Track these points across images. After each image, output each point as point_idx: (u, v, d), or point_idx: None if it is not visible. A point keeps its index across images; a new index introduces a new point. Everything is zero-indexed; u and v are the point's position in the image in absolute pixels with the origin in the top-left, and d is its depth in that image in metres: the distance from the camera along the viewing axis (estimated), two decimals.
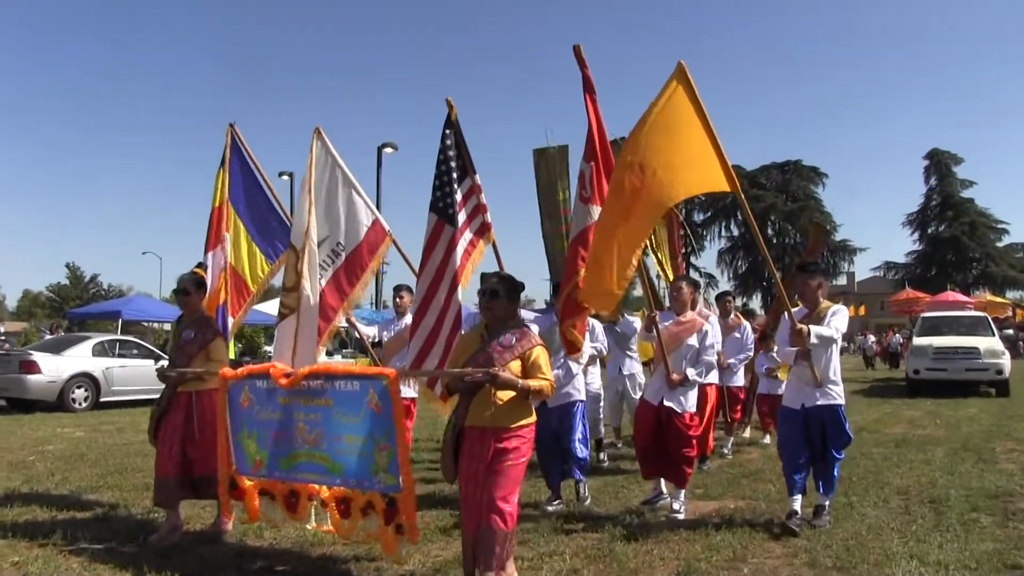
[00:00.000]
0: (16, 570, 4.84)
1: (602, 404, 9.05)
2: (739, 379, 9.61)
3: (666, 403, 6.19)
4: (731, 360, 9.34)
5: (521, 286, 4.59)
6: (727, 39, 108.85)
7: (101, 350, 15.89)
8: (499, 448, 4.23)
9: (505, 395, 4.26)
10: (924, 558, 4.94)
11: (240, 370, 5.17)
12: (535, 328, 6.57)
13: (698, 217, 72.38)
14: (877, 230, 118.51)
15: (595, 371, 8.69)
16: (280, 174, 32.93)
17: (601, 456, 8.77)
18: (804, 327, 5.50)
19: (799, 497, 5.81)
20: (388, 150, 30.04)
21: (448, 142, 5.83)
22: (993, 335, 18.01)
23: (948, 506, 6.39)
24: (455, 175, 5.84)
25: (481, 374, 4.19)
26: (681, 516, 6.12)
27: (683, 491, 6.28)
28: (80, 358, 15.66)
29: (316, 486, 4.70)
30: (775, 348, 8.82)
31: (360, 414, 4.49)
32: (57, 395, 15.00)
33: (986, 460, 8.72)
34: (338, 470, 4.59)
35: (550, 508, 6.39)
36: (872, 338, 36.56)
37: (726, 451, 9.39)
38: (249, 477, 4.99)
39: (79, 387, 15.38)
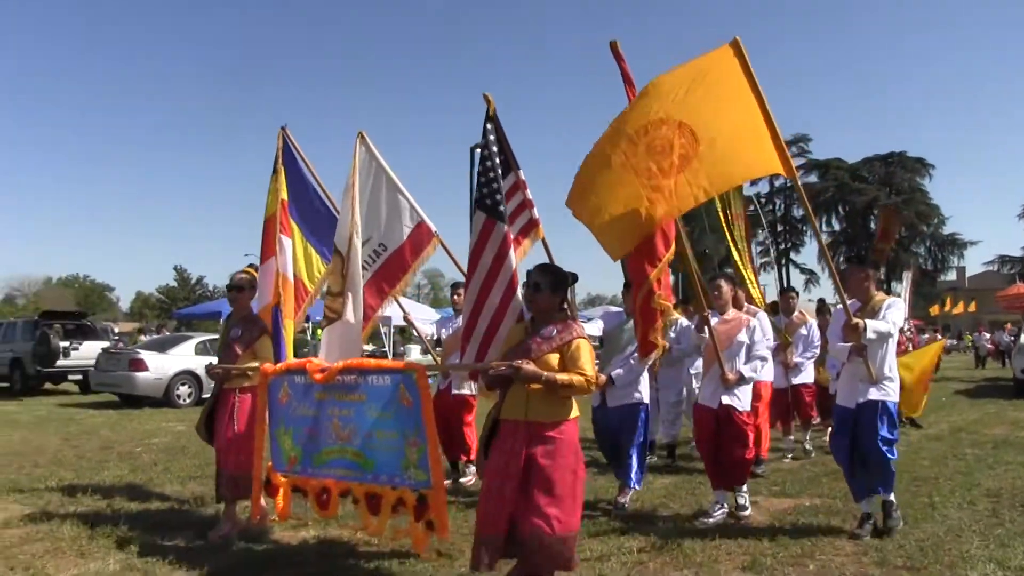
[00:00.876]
0: (113, 554, 5.21)
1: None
2: (807, 377, 9.22)
3: (725, 401, 6.04)
4: (797, 359, 9.10)
5: (566, 279, 4.46)
6: (831, 34, 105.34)
7: (203, 349, 16.67)
8: (532, 445, 4.08)
9: (540, 389, 4.11)
10: (1005, 563, 4.77)
11: (279, 365, 5.28)
12: (598, 324, 6.57)
13: (798, 212, 70.61)
14: (989, 223, 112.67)
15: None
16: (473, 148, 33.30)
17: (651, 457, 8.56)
18: (860, 321, 5.25)
19: (865, 500, 5.60)
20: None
21: (491, 137, 5.71)
22: None
23: None
24: (500, 171, 5.68)
25: (504, 367, 4.10)
26: (747, 512, 6.04)
27: (744, 487, 6.18)
28: (184, 356, 16.49)
29: (347, 482, 4.72)
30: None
31: (391, 409, 4.52)
32: (163, 391, 15.85)
33: None
34: (370, 466, 4.62)
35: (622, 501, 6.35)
36: (987, 335, 34.81)
37: (807, 446, 9.19)
38: (284, 474, 5.05)
39: (183, 384, 16.18)
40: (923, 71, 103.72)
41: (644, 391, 6.46)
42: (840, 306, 5.61)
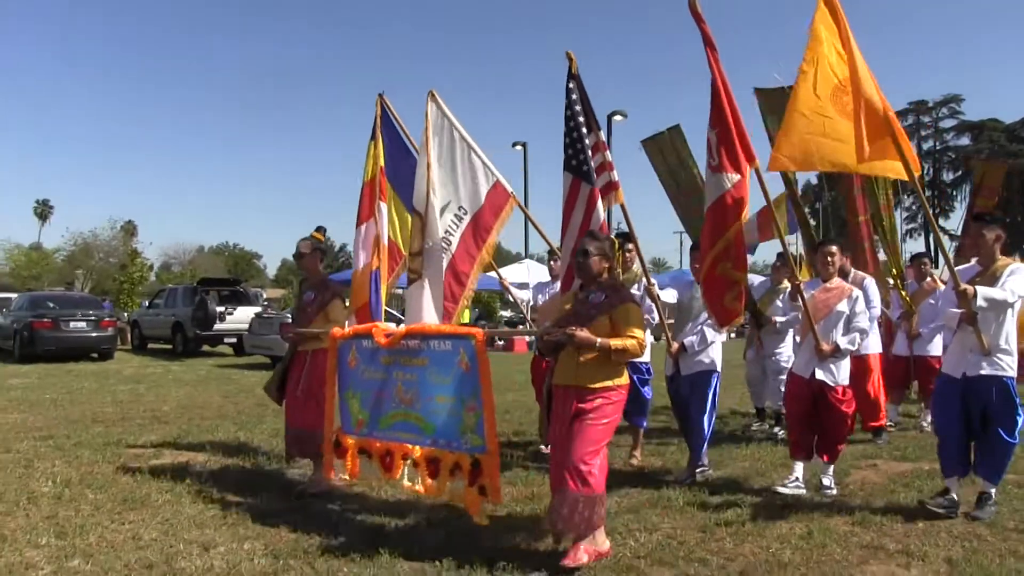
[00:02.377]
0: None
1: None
2: (936, 348, 8.57)
3: (818, 376, 5.78)
4: (923, 329, 8.62)
5: (612, 244, 4.51)
6: None
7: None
8: (580, 408, 4.19)
9: (589, 353, 4.19)
10: None
11: (348, 329, 5.42)
12: (672, 292, 6.44)
13: (947, 176, 66.69)
14: None
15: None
16: (514, 144, 33.91)
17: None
18: (969, 288, 4.85)
19: (954, 479, 5.20)
20: (618, 118, 29.88)
21: (573, 96, 5.59)
22: None
23: None
24: (584, 130, 5.62)
25: (559, 333, 4.21)
26: (833, 491, 5.75)
27: (832, 467, 5.90)
28: None
29: (409, 446, 4.82)
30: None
31: (451, 373, 4.62)
32: None
33: None
34: (430, 429, 4.71)
35: (691, 477, 6.15)
36: None
37: (925, 425, 8.52)
38: (352, 436, 5.18)
39: None
40: None
41: (717, 358, 6.32)
42: (960, 268, 5.38)
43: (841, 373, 5.84)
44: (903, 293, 8.80)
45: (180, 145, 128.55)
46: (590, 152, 5.60)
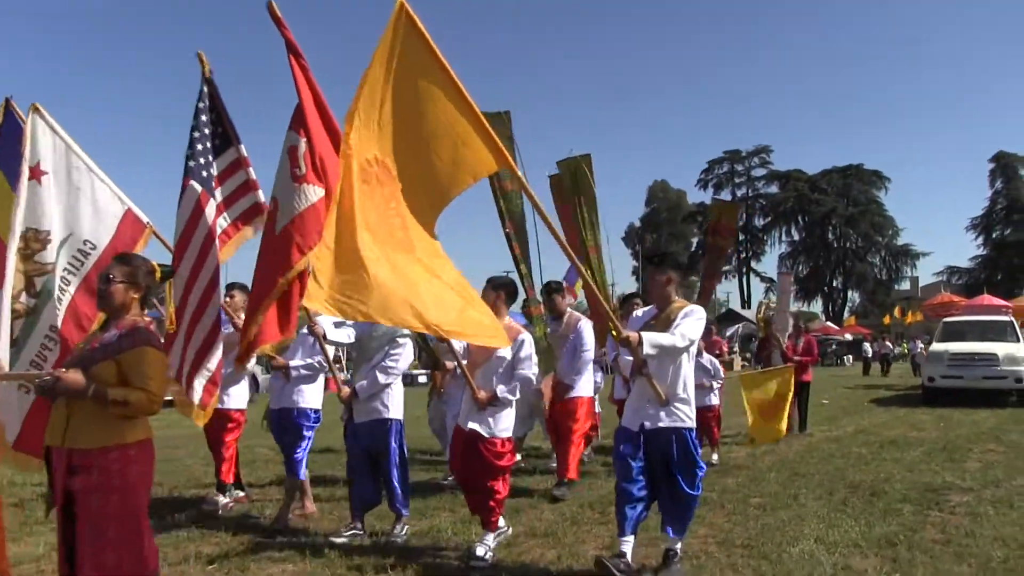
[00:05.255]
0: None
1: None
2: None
3: (470, 426, 5.24)
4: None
5: (152, 270, 3.78)
6: (786, 42, 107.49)
7: None
8: (71, 475, 3.39)
9: (83, 408, 3.41)
10: (823, 539, 5.70)
11: None
12: (348, 331, 5.88)
13: (759, 221, 72.33)
14: (940, 234, 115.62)
15: None
16: None
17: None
18: (633, 334, 4.46)
19: (631, 539, 4.75)
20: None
21: (202, 104, 5.11)
22: (1018, 341, 17.20)
23: (882, 498, 7.12)
24: (210, 143, 5.14)
25: (46, 375, 3.44)
26: (486, 564, 5.06)
27: (491, 534, 5.29)
28: None
29: None
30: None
31: None
32: None
33: (955, 459, 9.34)
34: None
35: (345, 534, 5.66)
36: (920, 345, 36.45)
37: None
38: None
39: None
40: (883, 86, 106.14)
41: (393, 404, 5.74)
42: (640, 311, 5.26)
43: (499, 424, 5.27)
44: (615, 334, 9.28)
45: None
46: (223, 171, 5.24)
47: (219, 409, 6.33)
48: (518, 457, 7.72)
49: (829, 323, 57.42)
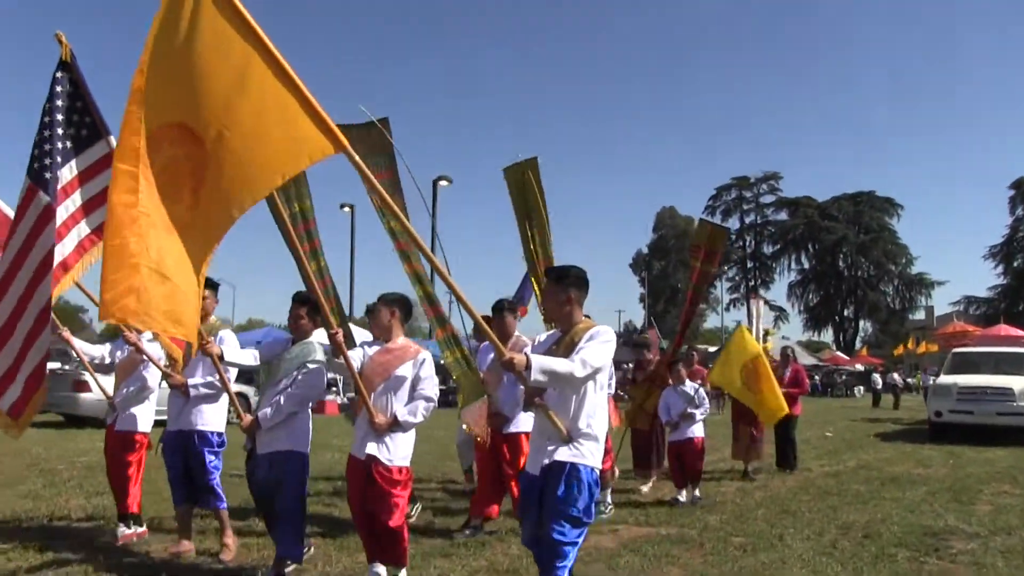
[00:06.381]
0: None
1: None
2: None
3: (369, 451, 4.78)
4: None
5: None
6: (800, 67, 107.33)
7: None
8: None
9: None
10: None
11: None
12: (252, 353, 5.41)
13: (768, 249, 71.86)
14: (956, 263, 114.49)
15: None
16: (342, 206, 34.29)
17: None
18: (519, 357, 3.65)
19: None
20: (443, 183, 30.68)
21: (58, 88, 4.55)
22: None
23: (875, 541, 6.51)
24: (60, 130, 4.58)
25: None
26: None
27: (404, 570, 5.01)
28: None
29: None
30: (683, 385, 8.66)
31: None
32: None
33: (962, 501, 8.67)
34: None
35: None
36: (932, 377, 35.64)
37: (604, 511, 7.55)
38: None
39: None
40: (893, 111, 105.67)
41: (300, 436, 5.19)
42: (543, 335, 4.50)
43: (399, 451, 4.87)
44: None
45: None
46: (73, 170, 4.65)
47: (120, 431, 6.03)
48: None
49: (839, 353, 56.56)
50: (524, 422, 6.21)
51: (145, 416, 6.10)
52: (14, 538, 6.03)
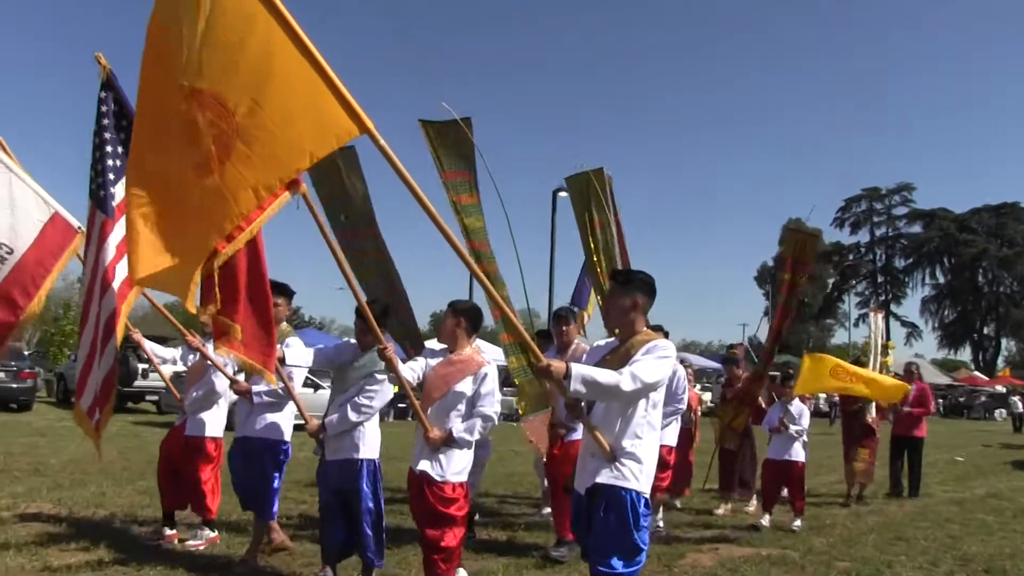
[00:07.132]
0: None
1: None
2: (668, 438, 7.03)
3: (420, 467, 4.61)
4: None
5: None
6: (931, 81, 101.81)
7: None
8: None
9: None
10: None
11: None
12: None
13: (899, 263, 68.36)
14: None
15: None
16: None
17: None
18: (558, 364, 3.34)
19: None
20: (563, 194, 30.52)
21: (104, 108, 4.72)
22: None
23: None
24: (109, 148, 4.80)
25: None
26: None
27: None
28: None
29: None
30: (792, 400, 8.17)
31: None
32: None
33: None
34: None
35: None
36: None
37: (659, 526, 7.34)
38: None
39: None
40: None
41: (366, 442, 5.08)
42: (601, 341, 4.19)
43: (452, 467, 4.63)
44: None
45: None
46: (111, 175, 4.80)
47: (190, 437, 6.01)
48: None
49: (977, 373, 53.09)
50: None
51: (214, 421, 6.11)
52: (126, 535, 6.41)
